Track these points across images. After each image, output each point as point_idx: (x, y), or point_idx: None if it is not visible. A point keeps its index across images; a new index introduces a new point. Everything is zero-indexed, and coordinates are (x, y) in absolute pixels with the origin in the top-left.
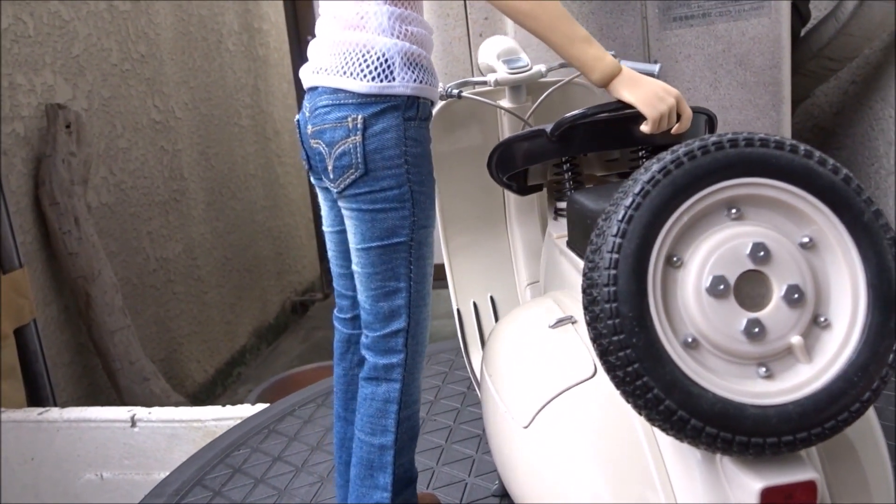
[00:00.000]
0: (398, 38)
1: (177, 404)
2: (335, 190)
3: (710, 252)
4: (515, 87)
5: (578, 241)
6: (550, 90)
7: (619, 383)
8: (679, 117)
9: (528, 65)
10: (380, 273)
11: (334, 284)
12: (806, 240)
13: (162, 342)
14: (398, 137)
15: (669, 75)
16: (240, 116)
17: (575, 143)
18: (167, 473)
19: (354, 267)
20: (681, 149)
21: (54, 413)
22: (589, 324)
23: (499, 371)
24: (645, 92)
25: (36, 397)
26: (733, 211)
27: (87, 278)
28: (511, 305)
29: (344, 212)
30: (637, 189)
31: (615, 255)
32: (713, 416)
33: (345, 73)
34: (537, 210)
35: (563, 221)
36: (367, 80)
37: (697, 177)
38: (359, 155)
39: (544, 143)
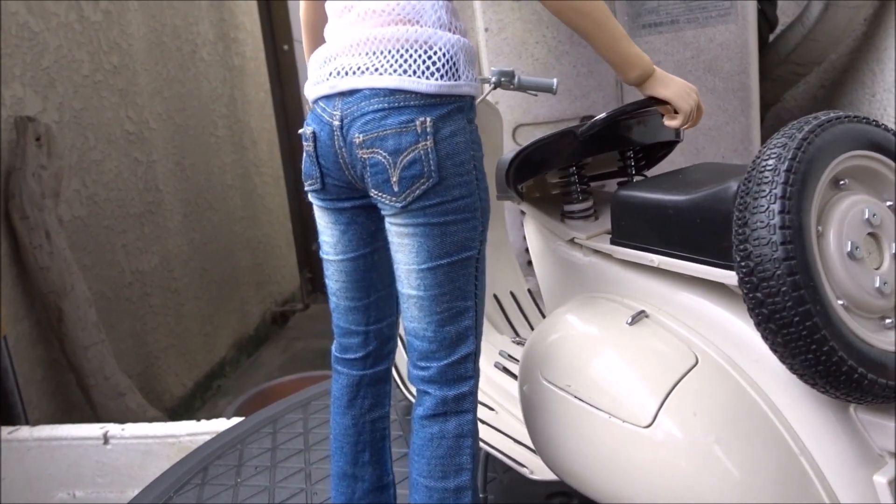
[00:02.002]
0: (456, 32)
1: (154, 419)
2: (398, 204)
3: (840, 221)
4: None
5: (639, 233)
6: (476, 102)
7: (800, 352)
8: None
9: None
10: (447, 293)
11: (338, 322)
12: (890, 203)
13: (139, 356)
14: (467, 141)
15: None
16: (216, 127)
17: (598, 143)
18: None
19: (411, 291)
20: (805, 127)
21: (24, 432)
22: (763, 301)
23: (587, 378)
24: (677, 88)
25: (7, 415)
26: (841, 182)
27: (59, 293)
28: None
29: (402, 230)
30: (786, 167)
31: (788, 231)
32: (880, 367)
33: (404, 71)
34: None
35: (578, 223)
36: (435, 79)
37: (826, 151)
38: (432, 162)
39: (572, 143)
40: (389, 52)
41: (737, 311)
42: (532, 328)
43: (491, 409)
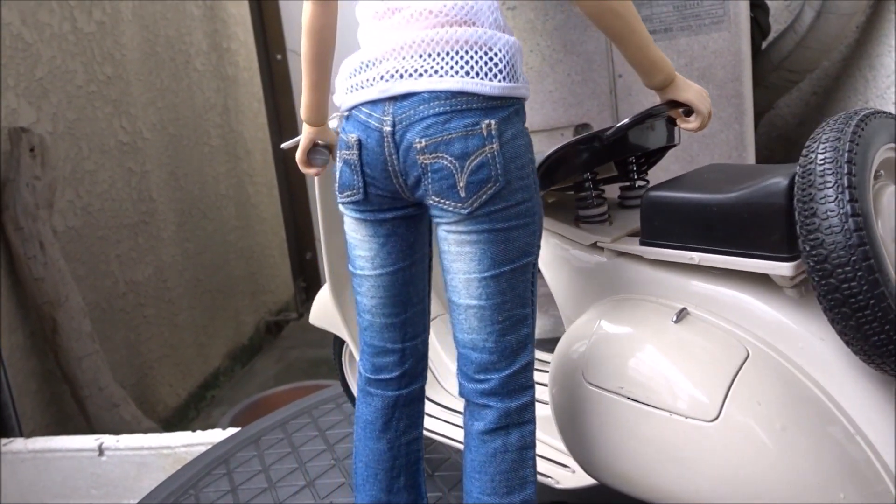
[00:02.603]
0: (509, 33)
1: (148, 430)
2: (464, 210)
3: (887, 208)
4: None
5: (674, 233)
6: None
7: (874, 334)
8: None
9: None
10: (509, 301)
11: (371, 341)
12: None
13: (133, 367)
14: (525, 144)
15: (635, 89)
16: (209, 136)
17: (618, 147)
18: (136, 502)
19: (471, 301)
20: (851, 122)
21: (18, 444)
22: (837, 286)
23: (641, 378)
24: (695, 92)
25: (1, 427)
26: (878, 174)
27: (53, 304)
28: None
29: (464, 237)
30: (846, 158)
31: (859, 218)
32: None
33: (466, 73)
34: None
35: (596, 227)
36: (497, 81)
37: (870, 144)
38: (498, 165)
39: (598, 148)
40: (448, 53)
41: (774, 301)
42: None
43: None
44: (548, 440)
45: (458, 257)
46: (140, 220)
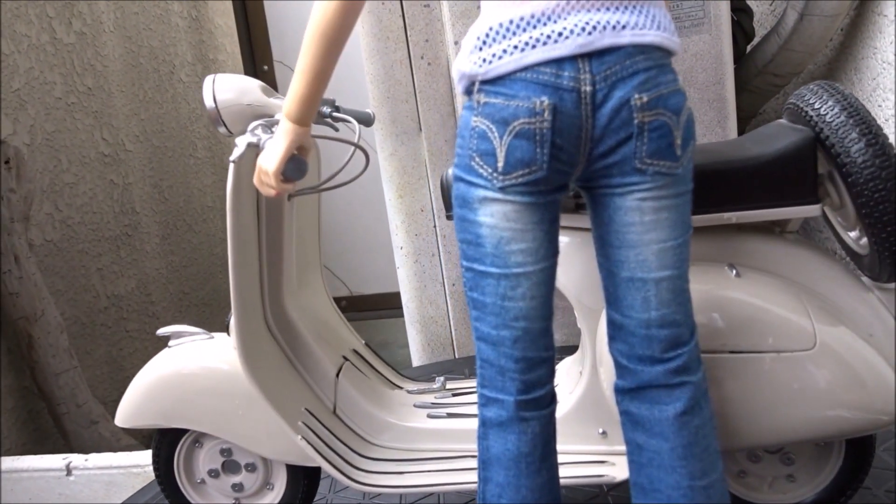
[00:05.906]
0: None
1: (127, 447)
2: (678, 170)
3: None
4: None
5: (699, 202)
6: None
7: None
8: None
9: None
10: (688, 268)
11: (525, 353)
12: None
13: (114, 382)
14: None
15: None
16: (195, 148)
17: None
18: None
19: (664, 272)
20: (833, 87)
21: None
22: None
23: (740, 330)
24: None
25: None
26: None
27: (29, 319)
28: (331, 418)
29: (664, 202)
30: (865, 111)
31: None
32: None
33: (658, 27)
34: (322, 283)
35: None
36: (677, 37)
37: None
38: (693, 121)
39: None
40: (636, 7)
41: (782, 244)
42: (389, 380)
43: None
44: (570, 447)
45: (653, 226)
46: (122, 233)
